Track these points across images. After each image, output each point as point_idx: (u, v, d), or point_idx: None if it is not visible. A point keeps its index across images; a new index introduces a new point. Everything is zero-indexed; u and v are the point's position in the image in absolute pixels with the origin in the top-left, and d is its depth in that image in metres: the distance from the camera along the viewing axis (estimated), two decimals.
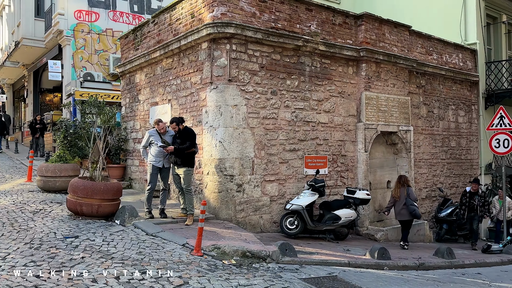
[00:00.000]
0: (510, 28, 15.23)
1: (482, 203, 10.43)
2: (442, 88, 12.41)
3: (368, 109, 10.04)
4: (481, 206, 10.39)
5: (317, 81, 9.27)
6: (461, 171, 12.87)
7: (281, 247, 6.26)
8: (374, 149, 10.58)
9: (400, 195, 9.13)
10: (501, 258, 9.25)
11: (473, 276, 7.19)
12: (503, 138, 10.67)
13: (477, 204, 10.34)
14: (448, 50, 12.70)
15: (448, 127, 12.52)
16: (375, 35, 10.24)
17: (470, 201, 10.41)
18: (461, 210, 10.70)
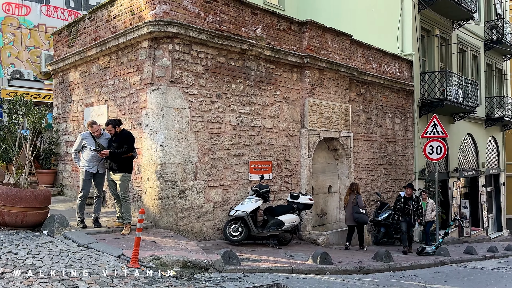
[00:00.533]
0: (442, 41, 16.28)
1: (416, 208, 10.53)
2: (380, 96, 12.92)
3: (311, 115, 10.15)
4: (414, 211, 10.50)
5: (262, 86, 9.20)
6: (397, 176, 13.45)
7: (224, 255, 6.04)
8: (317, 155, 10.72)
9: (349, 201, 9.87)
10: (434, 259, 9.71)
11: (410, 279, 7.43)
12: (436, 145, 11.28)
13: (411, 209, 10.44)
14: (386, 60, 13.26)
15: (385, 134, 13.04)
16: (318, 42, 10.41)
17: (404, 206, 10.50)
18: (395, 215, 10.72)
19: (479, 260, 11.26)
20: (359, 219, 9.70)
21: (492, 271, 9.48)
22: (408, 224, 10.52)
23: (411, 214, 10.46)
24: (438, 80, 14.36)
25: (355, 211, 9.66)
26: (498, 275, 9.00)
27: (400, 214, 10.57)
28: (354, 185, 10.17)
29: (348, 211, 9.88)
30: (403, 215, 10.52)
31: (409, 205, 10.48)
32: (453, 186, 16.23)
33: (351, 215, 9.73)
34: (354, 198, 9.78)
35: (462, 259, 10.73)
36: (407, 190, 10.60)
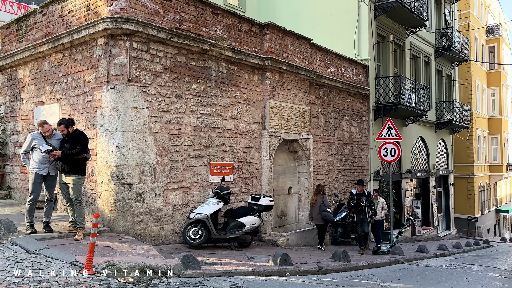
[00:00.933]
0: (396, 47, 16.92)
1: (369, 203, 10.42)
2: (338, 99, 13.22)
3: (272, 117, 10.19)
4: (368, 206, 10.39)
5: (223, 87, 9.12)
6: (353, 177, 13.80)
7: (184, 259, 5.91)
8: (277, 156, 10.78)
9: (316, 202, 10.64)
10: (389, 258, 10.03)
11: (367, 278, 7.61)
12: (390, 147, 11.70)
13: (365, 205, 10.33)
14: (344, 64, 13.60)
15: (342, 136, 13.35)
16: (279, 45, 10.48)
17: (358, 203, 10.36)
18: (350, 213, 10.61)
19: (431, 258, 11.77)
20: (327, 217, 10.44)
21: (443, 268, 9.93)
22: (364, 222, 10.40)
23: (365, 211, 10.34)
24: (392, 85, 14.90)
25: (322, 209, 10.41)
26: (449, 272, 9.43)
27: (355, 212, 10.46)
28: (320, 186, 10.94)
29: (315, 211, 10.55)
30: (358, 213, 10.41)
31: (362, 201, 10.36)
32: (405, 187, 16.90)
33: (319, 214, 10.44)
34: (321, 198, 10.57)
35: (415, 257, 11.17)
36: (358, 187, 10.52)
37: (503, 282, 8.83)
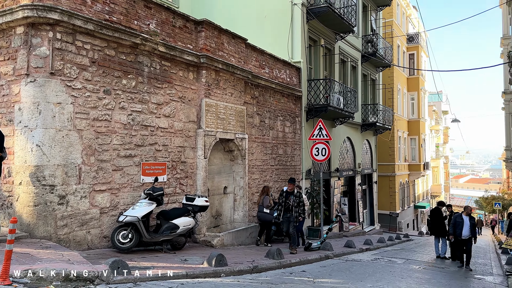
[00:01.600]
0: (327, 51, 17.58)
1: (297, 203, 10.21)
2: (272, 100, 13.41)
3: (208, 116, 10.04)
4: (295, 206, 10.19)
5: (156, 84, 8.79)
6: (286, 176, 14.09)
7: (112, 265, 5.57)
8: (213, 156, 10.66)
9: (259, 202, 11.38)
10: (320, 254, 10.36)
11: (300, 274, 7.78)
12: (321, 147, 12.10)
13: (292, 205, 10.17)
14: (278, 65, 13.83)
15: (276, 136, 13.58)
16: (214, 43, 10.36)
17: (286, 201, 10.24)
18: (278, 210, 10.48)
19: (357, 253, 12.37)
20: (261, 218, 11.14)
21: (369, 262, 10.48)
22: (290, 221, 10.21)
23: (292, 210, 10.20)
24: (323, 87, 15.45)
25: (259, 210, 11.11)
26: (374, 266, 9.97)
27: (282, 209, 10.29)
28: (265, 187, 11.75)
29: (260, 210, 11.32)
30: (285, 211, 10.24)
31: (290, 200, 10.23)
32: (334, 185, 17.63)
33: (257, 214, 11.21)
34: (262, 198, 11.27)
35: (343, 252, 11.67)
36: (289, 185, 10.41)
37: (423, 273, 9.55)
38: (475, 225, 11.36)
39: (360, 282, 7.52)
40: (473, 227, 11.25)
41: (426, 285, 8.04)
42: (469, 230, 11.13)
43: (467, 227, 11.14)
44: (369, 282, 7.54)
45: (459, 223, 11.22)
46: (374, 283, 7.50)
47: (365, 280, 7.79)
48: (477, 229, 11.66)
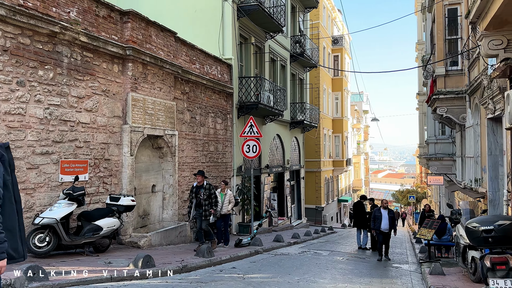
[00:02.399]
0: (257, 50, 17.76)
1: (207, 195, 9.58)
2: (204, 96, 13.25)
3: (134, 111, 9.62)
4: (205, 199, 9.55)
5: (77, 76, 8.22)
6: (218, 173, 14.03)
7: (27, 271, 5.12)
8: (140, 153, 10.25)
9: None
10: (250, 250, 10.46)
11: (230, 271, 7.77)
12: (252, 144, 12.21)
13: (202, 199, 9.56)
14: (209, 61, 13.68)
15: (208, 133, 13.44)
16: (142, 35, 9.96)
17: (196, 196, 9.65)
18: (188, 207, 9.92)
19: (286, 247, 12.70)
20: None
21: (297, 256, 10.80)
22: (202, 217, 9.61)
23: (203, 205, 9.57)
24: (253, 85, 15.61)
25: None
26: (302, 259, 10.29)
27: (192, 205, 9.68)
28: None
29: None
30: (196, 207, 9.64)
31: (200, 194, 9.61)
32: (264, 181, 17.93)
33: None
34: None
35: (272, 247, 11.90)
36: (197, 178, 9.80)
37: (346, 264, 10.06)
38: (394, 217, 11.66)
39: (288, 275, 7.71)
40: (392, 219, 11.58)
41: (349, 275, 8.47)
42: (388, 223, 11.48)
43: (385, 220, 11.48)
44: (297, 275, 7.76)
45: (378, 217, 11.55)
46: (301, 276, 7.74)
47: (293, 273, 8.00)
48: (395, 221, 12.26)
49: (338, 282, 7.42)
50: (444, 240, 11.26)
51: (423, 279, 8.39)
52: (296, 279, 7.36)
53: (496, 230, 4.61)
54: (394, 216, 11.80)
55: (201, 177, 9.73)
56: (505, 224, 4.61)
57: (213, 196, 9.73)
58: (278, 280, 7.20)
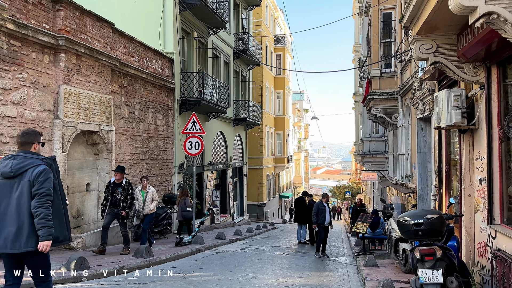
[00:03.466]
0: (200, 45, 17.49)
1: (125, 196, 8.77)
2: (143, 91, 12.80)
3: (67, 105, 9.06)
4: (122, 200, 8.73)
5: (3, 66, 7.56)
6: (158, 170, 13.66)
7: None
8: (73, 150, 9.68)
9: (180, 202, 11.73)
10: (191, 248, 10.31)
11: (170, 271, 7.59)
12: (194, 141, 12.02)
13: (119, 198, 8.73)
14: (149, 55, 13.24)
15: (148, 129, 13.02)
16: (76, 25, 9.39)
17: (112, 194, 8.79)
18: (102, 205, 9.02)
19: (228, 244, 12.69)
20: (185, 216, 11.49)
21: (239, 252, 10.82)
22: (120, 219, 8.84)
23: (118, 205, 8.76)
24: (196, 81, 15.37)
25: (183, 210, 11.50)
26: (243, 255, 10.33)
27: (108, 203, 8.80)
28: (185, 189, 12.39)
29: (179, 209, 11.65)
30: (111, 206, 8.78)
31: (117, 193, 8.79)
32: (207, 178, 17.77)
33: (181, 213, 11.54)
34: (183, 199, 11.66)
35: (214, 244, 11.83)
36: (116, 175, 8.96)
37: (286, 259, 10.25)
38: (330, 211, 12.15)
39: (230, 272, 7.69)
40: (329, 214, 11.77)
41: (289, 269, 8.63)
42: (329, 217, 11.59)
43: (328, 215, 11.59)
44: (238, 272, 7.77)
45: (322, 210, 11.43)
46: (243, 272, 7.76)
47: (234, 270, 8.00)
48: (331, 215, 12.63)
49: (279, 277, 7.54)
50: (378, 233, 11.86)
51: (358, 271, 8.78)
52: (238, 276, 7.36)
53: (425, 224, 4.90)
54: (330, 210, 12.11)
55: (120, 174, 8.85)
56: (433, 218, 4.92)
57: (130, 197, 8.86)
58: (219, 277, 7.16)
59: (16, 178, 3.77)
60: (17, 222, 3.70)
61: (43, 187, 3.75)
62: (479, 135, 6.20)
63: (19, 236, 3.69)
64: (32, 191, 3.73)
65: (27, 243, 3.69)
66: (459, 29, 5.72)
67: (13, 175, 3.77)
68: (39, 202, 3.71)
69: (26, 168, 3.80)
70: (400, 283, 6.93)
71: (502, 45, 5.01)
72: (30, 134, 4.05)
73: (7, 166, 3.79)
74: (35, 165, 3.83)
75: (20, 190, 3.74)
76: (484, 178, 5.85)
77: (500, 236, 5.27)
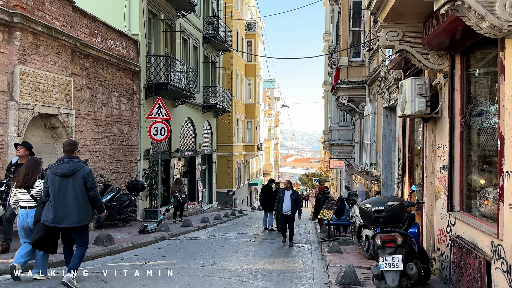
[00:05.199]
0: (167, 28, 16.97)
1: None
2: (106, 73, 12.31)
3: (23, 86, 8.54)
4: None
5: None
6: (122, 157, 13.25)
7: None
8: (30, 133, 9.20)
9: (174, 190, 13.80)
10: (155, 236, 10.09)
11: (131, 259, 7.38)
12: (160, 127, 11.71)
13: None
14: (113, 36, 12.71)
15: (111, 113, 12.56)
16: (32, 1, 8.83)
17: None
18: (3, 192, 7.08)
19: (194, 231, 12.54)
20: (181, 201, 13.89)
21: (204, 240, 10.70)
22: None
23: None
24: (163, 65, 14.94)
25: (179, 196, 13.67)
26: (209, 242, 10.22)
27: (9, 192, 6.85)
28: (178, 179, 14.35)
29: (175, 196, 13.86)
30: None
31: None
32: (174, 165, 17.46)
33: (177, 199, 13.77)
34: (178, 187, 13.76)
35: (180, 232, 11.65)
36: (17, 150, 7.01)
37: (252, 246, 10.22)
38: (298, 199, 10.96)
39: (193, 260, 7.56)
40: (296, 202, 10.87)
41: (254, 256, 8.60)
42: (290, 205, 10.74)
43: (287, 202, 10.79)
44: (202, 259, 7.65)
45: (281, 198, 10.97)
46: (207, 260, 7.65)
47: (198, 257, 7.88)
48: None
49: (243, 264, 7.48)
50: (343, 220, 12.02)
51: (322, 258, 8.85)
52: (201, 264, 7.25)
53: (386, 211, 4.93)
54: (298, 198, 11.06)
55: (24, 150, 6.89)
56: (394, 205, 4.95)
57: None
58: (182, 265, 7.02)
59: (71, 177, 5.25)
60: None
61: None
62: (441, 124, 6.28)
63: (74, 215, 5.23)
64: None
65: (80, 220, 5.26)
66: (425, 17, 5.72)
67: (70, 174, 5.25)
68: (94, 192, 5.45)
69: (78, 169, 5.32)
70: (362, 269, 7.02)
71: (466, 34, 5.03)
72: (75, 144, 5.71)
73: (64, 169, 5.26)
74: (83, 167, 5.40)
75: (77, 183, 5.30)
76: (446, 166, 5.95)
77: (459, 223, 5.38)
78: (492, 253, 4.33)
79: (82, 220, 5.28)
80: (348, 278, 5.86)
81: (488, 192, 4.88)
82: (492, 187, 4.86)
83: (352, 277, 5.87)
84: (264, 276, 6.65)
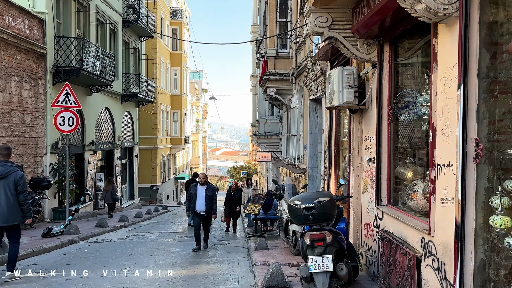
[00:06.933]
0: (80, 7, 15.31)
1: None
2: (4, 55, 10.66)
3: None
4: None
5: None
6: (24, 150, 11.65)
7: None
8: None
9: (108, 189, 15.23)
10: (61, 240, 8.91)
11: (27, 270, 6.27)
12: (68, 116, 10.43)
13: None
14: (12, 12, 11.04)
15: (10, 100, 10.93)
16: None
17: None
18: None
19: (110, 232, 11.45)
20: (115, 199, 15.62)
21: (120, 242, 9.71)
22: None
23: None
24: (74, 47, 13.42)
25: (113, 194, 15.32)
26: (125, 245, 9.27)
27: None
28: (111, 179, 16.01)
29: (108, 195, 15.33)
30: None
31: None
32: (88, 160, 15.95)
33: (111, 197, 15.30)
34: (111, 186, 15.33)
35: (92, 233, 10.53)
36: None
37: (174, 246, 9.45)
38: (213, 196, 8.89)
39: (103, 268, 6.66)
40: (210, 199, 8.82)
41: (176, 259, 7.90)
42: (205, 203, 8.76)
43: (202, 200, 8.77)
44: (114, 267, 6.78)
45: (193, 195, 8.86)
46: (120, 267, 6.79)
47: (110, 264, 6.99)
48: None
49: (161, 269, 6.74)
50: (270, 214, 11.73)
51: (249, 255, 8.41)
52: (112, 272, 6.39)
53: (316, 208, 4.56)
54: (215, 195, 8.93)
55: None
56: (324, 201, 4.61)
57: None
58: (88, 275, 6.12)
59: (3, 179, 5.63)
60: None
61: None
62: (369, 115, 6.10)
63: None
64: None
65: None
66: (355, 3, 5.43)
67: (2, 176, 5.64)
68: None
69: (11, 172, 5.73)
70: (289, 266, 6.68)
71: (397, 20, 4.81)
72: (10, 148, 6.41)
73: None
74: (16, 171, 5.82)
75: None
76: (373, 159, 5.76)
77: (386, 217, 5.20)
78: (423, 250, 4.13)
79: (10, 221, 5.70)
80: (275, 280, 5.44)
81: (416, 185, 4.71)
82: (420, 180, 4.71)
83: (279, 279, 5.46)
84: (184, 283, 5.99)
